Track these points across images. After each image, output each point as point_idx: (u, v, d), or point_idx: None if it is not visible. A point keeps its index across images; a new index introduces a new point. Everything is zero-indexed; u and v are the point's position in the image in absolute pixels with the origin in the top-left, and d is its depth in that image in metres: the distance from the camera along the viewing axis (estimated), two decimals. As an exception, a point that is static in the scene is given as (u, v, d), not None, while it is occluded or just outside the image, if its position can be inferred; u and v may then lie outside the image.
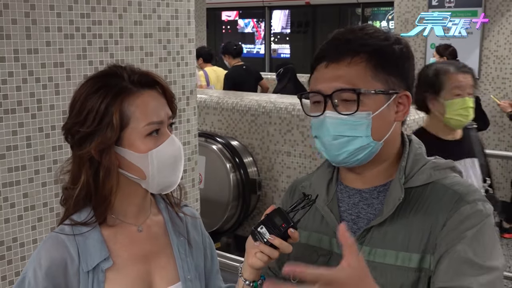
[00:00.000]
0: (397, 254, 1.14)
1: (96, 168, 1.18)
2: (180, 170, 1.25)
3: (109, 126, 1.15)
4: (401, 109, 1.19)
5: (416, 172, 1.19)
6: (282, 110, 4.28)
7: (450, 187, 1.16)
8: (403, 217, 1.16)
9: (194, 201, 2.51)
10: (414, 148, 1.24)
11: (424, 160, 1.22)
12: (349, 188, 1.25)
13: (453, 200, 1.13)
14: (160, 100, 1.22)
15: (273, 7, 11.48)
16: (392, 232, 1.16)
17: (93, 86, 1.18)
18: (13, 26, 1.76)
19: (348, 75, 1.15)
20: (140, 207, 1.27)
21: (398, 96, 1.18)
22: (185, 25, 2.35)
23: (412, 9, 6.68)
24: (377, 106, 1.15)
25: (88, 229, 1.20)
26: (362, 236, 1.18)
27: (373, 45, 1.17)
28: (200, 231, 1.39)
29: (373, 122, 1.15)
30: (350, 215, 1.23)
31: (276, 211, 1.16)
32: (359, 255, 0.95)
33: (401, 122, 1.23)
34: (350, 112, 1.15)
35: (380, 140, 1.17)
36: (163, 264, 1.28)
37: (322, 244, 1.25)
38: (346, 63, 1.16)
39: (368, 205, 1.21)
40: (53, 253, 1.17)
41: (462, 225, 1.10)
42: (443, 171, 1.20)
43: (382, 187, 1.21)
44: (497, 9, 6.09)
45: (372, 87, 1.15)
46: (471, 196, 1.14)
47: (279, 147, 4.31)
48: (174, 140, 1.22)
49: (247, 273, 1.19)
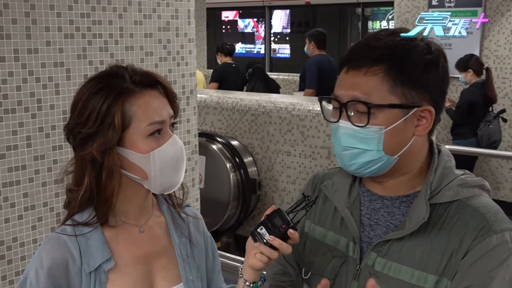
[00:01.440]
0: (413, 271, 1.10)
1: (99, 169, 1.18)
2: (182, 170, 1.24)
3: (111, 126, 1.15)
4: (423, 123, 1.12)
5: (443, 188, 1.13)
6: (282, 110, 4.28)
7: (477, 209, 1.10)
8: (424, 234, 1.11)
9: (194, 201, 2.51)
10: (443, 161, 1.17)
11: (453, 176, 1.16)
12: (371, 193, 1.21)
13: (480, 227, 1.08)
14: (162, 100, 1.21)
15: (273, 7, 11.47)
16: (410, 247, 1.11)
17: (95, 87, 1.17)
18: (13, 26, 1.76)
19: (364, 85, 1.10)
20: (142, 207, 1.27)
21: (419, 110, 1.11)
22: (185, 25, 2.35)
23: (412, 9, 6.68)
24: (391, 121, 1.10)
25: (89, 229, 1.19)
26: (379, 246, 1.15)
27: (395, 56, 1.10)
28: (202, 231, 1.39)
29: (386, 137, 1.10)
30: (368, 220, 1.20)
31: (276, 212, 1.16)
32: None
33: (427, 134, 1.16)
34: (362, 125, 1.10)
35: (394, 155, 1.12)
36: (165, 265, 1.27)
37: (338, 245, 1.22)
38: (364, 72, 1.10)
39: (389, 213, 1.18)
40: (55, 253, 1.16)
41: (487, 258, 1.05)
42: (471, 190, 1.14)
43: (406, 197, 1.17)
44: (497, 9, 6.09)
45: (386, 101, 1.09)
46: (499, 225, 1.08)
47: (279, 147, 4.31)
48: (176, 140, 1.22)
49: (247, 274, 1.18)
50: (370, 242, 1.18)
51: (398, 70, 1.09)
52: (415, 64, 1.10)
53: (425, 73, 1.10)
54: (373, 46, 1.12)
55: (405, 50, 1.11)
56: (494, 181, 5.60)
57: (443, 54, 1.15)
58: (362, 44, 1.15)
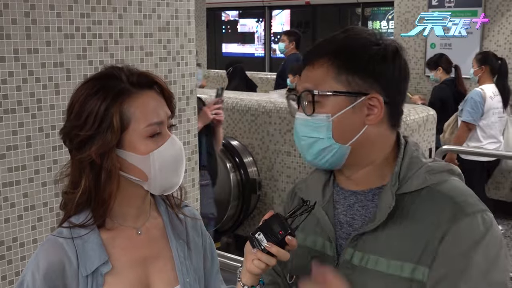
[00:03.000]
0: (388, 262, 1.11)
1: (97, 171, 1.16)
2: (182, 171, 1.24)
3: (110, 128, 1.14)
4: (374, 112, 1.14)
5: (410, 176, 1.15)
6: (282, 110, 4.28)
7: (447, 194, 1.12)
8: (396, 224, 1.12)
9: (194, 201, 2.52)
10: (409, 150, 1.19)
11: (420, 164, 1.17)
12: (344, 190, 1.23)
13: (452, 212, 1.09)
14: (159, 100, 1.21)
15: (273, 7, 11.47)
16: (385, 238, 1.13)
17: (92, 89, 1.16)
18: (13, 26, 1.76)
19: (313, 77, 1.16)
20: (140, 209, 1.26)
21: (368, 99, 1.13)
22: (185, 25, 2.35)
23: (412, 9, 6.68)
24: (337, 109, 1.13)
25: (86, 231, 1.18)
26: (354, 240, 1.16)
27: (339, 47, 1.16)
28: (201, 232, 1.38)
29: (334, 125, 1.14)
30: (345, 217, 1.21)
31: (274, 217, 1.14)
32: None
33: (391, 126, 1.18)
34: (309, 113, 1.15)
35: (346, 143, 1.15)
36: (162, 267, 1.27)
37: (316, 246, 1.24)
38: (313, 65, 1.17)
39: (363, 207, 1.19)
40: (51, 256, 1.16)
41: (460, 242, 1.06)
42: (439, 175, 1.16)
43: (378, 189, 1.18)
44: (497, 9, 6.09)
45: (330, 89, 1.14)
46: (469, 207, 1.09)
47: (279, 147, 4.31)
48: (175, 141, 1.21)
49: (245, 278, 1.18)
50: (348, 238, 1.19)
51: (342, 60, 1.14)
52: (358, 55, 1.14)
53: (370, 63, 1.13)
54: (322, 42, 1.20)
55: (349, 43, 1.16)
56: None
57: (397, 51, 1.17)
58: (319, 41, 1.22)
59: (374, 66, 1.14)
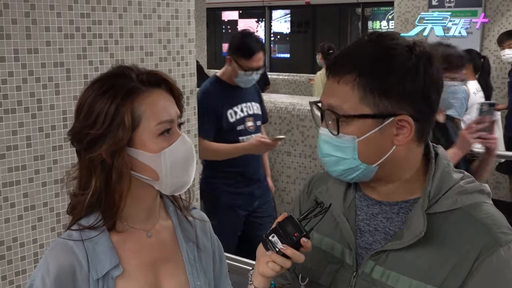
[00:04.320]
0: (411, 281, 1.07)
1: (107, 171, 1.14)
2: (192, 169, 1.22)
3: (121, 126, 1.12)
4: (403, 131, 1.07)
5: (441, 196, 1.10)
6: (282, 110, 4.28)
7: (480, 221, 1.07)
8: (424, 245, 1.07)
9: (194, 201, 2.51)
10: (441, 165, 1.13)
11: (451, 182, 1.12)
12: (368, 197, 1.19)
13: (484, 240, 1.04)
14: (169, 99, 1.20)
15: (273, 7, 11.47)
16: (410, 258, 1.08)
17: (101, 88, 1.15)
18: (13, 26, 1.76)
19: (338, 94, 1.09)
20: (150, 211, 1.25)
21: (396, 120, 1.07)
22: (185, 25, 2.35)
23: (412, 9, 6.69)
24: (364, 131, 1.07)
25: (96, 233, 1.17)
26: (376, 255, 1.13)
27: (367, 65, 1.06)
28: (209, 234, 1.37)
29: (360, 146, 1.08)
30: (368, 226, 1.17)
31: (288, 219, 1.13)
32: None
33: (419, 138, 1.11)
34: (335, 133, 1.09)
35: (373, 164, 1.09)
36: (172, 271, 1.25)
37: (334, 251, 1.21)
38: (338, 80, 1.09)
39: (388, 220, 1.15)
40: (61, 260, 1.14)
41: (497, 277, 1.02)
42: (471, 196, 1.10)
43: (404, 203, 1.14)
44: (497, 9, 6.10)
45: (357, 111, 1.06)
46: (503, 236, 1.05)
47: (279, 147, 4.31)
48: (185, 139, 1.20)
49: (257, 281, 1.16)
50: (369, 248, 1.16)
51: (368, 79, 1.06)
52: (388, 74, 1.06)
53: (400, 82, 1.05)
54: (351, 54, 1.11)
55: (377, 58, 1.07)
56: (494, 181, 5.59)
57: (428, 58, 1.08)
58: (345, 50, 1.14)
59: (405, 87, 1.06)
